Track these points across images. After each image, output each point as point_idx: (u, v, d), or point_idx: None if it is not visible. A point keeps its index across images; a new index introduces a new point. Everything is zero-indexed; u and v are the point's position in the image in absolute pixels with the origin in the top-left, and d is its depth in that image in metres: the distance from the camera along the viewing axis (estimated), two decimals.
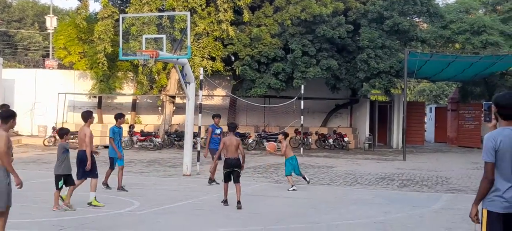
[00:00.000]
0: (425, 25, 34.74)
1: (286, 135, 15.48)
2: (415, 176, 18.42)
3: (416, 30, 30.14)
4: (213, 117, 16.36)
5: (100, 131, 28.04)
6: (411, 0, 28.63)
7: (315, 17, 27.75)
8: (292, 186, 14.13)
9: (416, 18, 32.58)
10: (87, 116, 11.58)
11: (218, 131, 15.83)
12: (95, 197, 11.47)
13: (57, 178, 10.80)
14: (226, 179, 11.69)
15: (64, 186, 10.90)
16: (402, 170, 20.08)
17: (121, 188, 13.45)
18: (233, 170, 11.62)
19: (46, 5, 53.58)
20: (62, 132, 11.29)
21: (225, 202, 11.71)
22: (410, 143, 31.14)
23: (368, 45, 27.81)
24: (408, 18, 29.68)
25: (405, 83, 26.86)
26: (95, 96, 32.70)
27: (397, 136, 32.81)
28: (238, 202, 11.39)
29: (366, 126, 31.97)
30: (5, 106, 12.03)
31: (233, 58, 30.74)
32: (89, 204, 11.36)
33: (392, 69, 28.09)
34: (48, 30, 42.40)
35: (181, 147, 22.69)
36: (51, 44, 39.60)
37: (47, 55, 43.80)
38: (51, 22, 40.51)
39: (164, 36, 21.71)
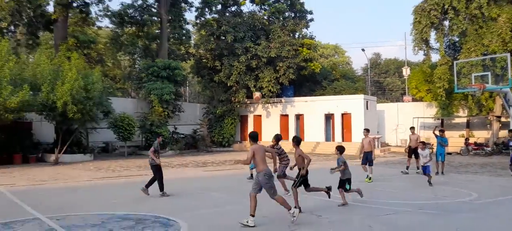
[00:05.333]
0: None
1: None
2: None
3: None
4: None
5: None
6: None
7: None
8: None
9: None
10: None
11: None
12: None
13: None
14: None
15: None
16: None
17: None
18: None
19: (403, 60, 56.14)
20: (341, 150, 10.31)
21: None
22: None
23: None
24: None
25: None
26: (438, 119, 33.46)
27: None
28: None
29: None
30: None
31: None
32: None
33: None
34: (404, 77, 44.76)
35: (507, 154, 21.63)
36: (406, 85, 41.88)
37: (404, 93, 46.09)
38: (406, 71, 42.75)
39: (489, 73, 21.52)
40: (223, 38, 33.27)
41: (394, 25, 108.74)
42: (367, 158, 14.62)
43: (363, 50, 49.80)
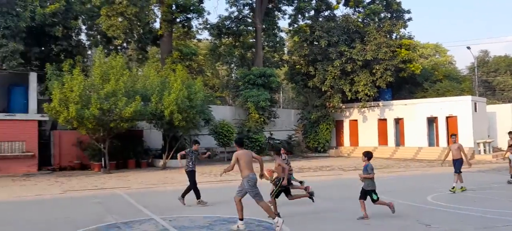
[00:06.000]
0: None
1: None
2: None
3: None
4: None
5: None
6: None
7: None
8: None
9: None
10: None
11: None
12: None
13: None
14: None
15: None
16: None
17: None
18: None
19: None
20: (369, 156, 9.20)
21: None
22: None
23: None
24: None
25: None
26: None
27: None
28: None
29: None
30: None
31: None
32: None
33: None
34: None
35: None
36: None
37: None
38: None
39: None
40: (317, 43, 33.06)
41: (503, 20, 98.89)
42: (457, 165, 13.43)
43: (468, 48, 45.81)
